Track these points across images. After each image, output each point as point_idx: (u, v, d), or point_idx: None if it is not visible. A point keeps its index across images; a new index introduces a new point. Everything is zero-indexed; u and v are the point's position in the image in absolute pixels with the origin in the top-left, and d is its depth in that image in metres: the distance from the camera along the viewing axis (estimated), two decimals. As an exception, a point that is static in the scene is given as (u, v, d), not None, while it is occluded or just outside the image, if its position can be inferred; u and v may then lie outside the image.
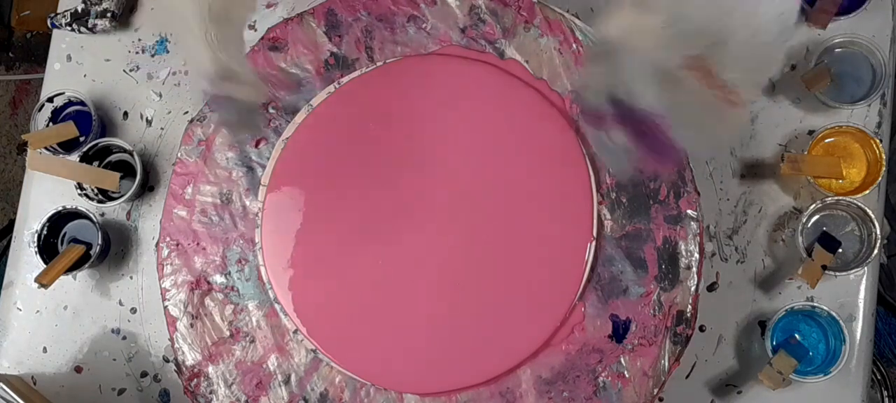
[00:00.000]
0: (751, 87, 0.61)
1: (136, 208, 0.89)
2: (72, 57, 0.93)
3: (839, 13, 0.83)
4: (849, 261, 0.82)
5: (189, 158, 0.83)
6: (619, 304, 0.78)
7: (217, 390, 0.80)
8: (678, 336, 0.77)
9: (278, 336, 0.80)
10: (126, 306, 0.88)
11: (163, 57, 0.92)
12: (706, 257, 0.83)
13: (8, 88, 1.71)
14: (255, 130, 0.81)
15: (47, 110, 0.89)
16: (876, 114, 0.85)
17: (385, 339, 0.78)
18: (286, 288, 0.79)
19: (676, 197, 0.79)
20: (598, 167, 0.80)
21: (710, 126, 0.60)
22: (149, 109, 0.91)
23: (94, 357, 0.88)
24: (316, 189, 0.81)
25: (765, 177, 0.85)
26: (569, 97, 0.81)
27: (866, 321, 0.83)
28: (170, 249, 0.82)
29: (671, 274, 0.78)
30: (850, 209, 0.82)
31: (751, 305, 0.84)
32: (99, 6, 0.90)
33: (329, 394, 0.79)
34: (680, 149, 0.60)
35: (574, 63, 0.81)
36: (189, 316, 0.81)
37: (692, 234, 0.78)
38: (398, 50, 0.83)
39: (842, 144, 0.83)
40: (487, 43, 0.82)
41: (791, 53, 0.87)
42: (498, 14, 0.82)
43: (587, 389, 0.77)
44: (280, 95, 0.83)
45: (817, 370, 0.79)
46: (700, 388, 0.83)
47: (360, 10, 0.84)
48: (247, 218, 0.82)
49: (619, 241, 0.79)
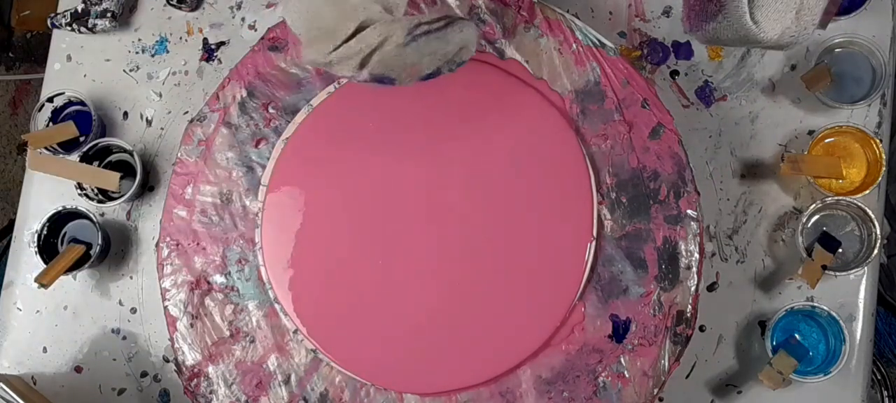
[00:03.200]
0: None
1: (136, 208, 0.89)
2: (72, 57, 0.93)
3: (839, 13, 0.83)
4: (849, 261, 0.82)
5: (189, 158, 0.83)
6: (619, 304, 0.78)
7: (217, 390, 0.80)
8: (678, 336, 0.77)
9: (278, 336, 0.80)
10: (126, 306, 0.88)
11: (163, 57, 0.92)
12: (706, 257, 0.83)
13: (8, 88, 1.71)
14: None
15: (47, 110, 0.89)
16: (876, 114, 0.85)
17: (385, 339, 0.78)
18: (286, 288, 0.79)
19: (676, 197, 0.79)
20: (598, 167, 0.80)
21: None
22: (149, 109, 0.91)
23: (94, 357, 0.88)
24: (316, 189, 0.81)
25: (765, 177, 0.85)
26: (569, 97, 0.81)
27: (866, 321, 0.83)
28: (170, 249, 0.82)
29: (671, 274, 0.78)
30: (850, 209, 0.82)
31: (751, 305, 0.84)
32: (99, 6, 0.90)
33: (329, 394, 0.79)
34: None
35: (574, 63, 0.81)
36: (189, 316, 0.81)
37: (692, 234, 0.78)
38: (398, 50, 0.83)
39: (842, 144, 0.83)
40: (487, 43, 0.82)
41: (791, 53, 0.87)
42: (498, 14, 0.82)
43: (587, 389, 0.77)
44: (280, 95, 0.83)
45: (817, 370, 0.79)
46: (700, 388, 0.83)
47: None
48: (247, 218, 0.82)
49: (619, 241, 0.79)
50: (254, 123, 0.83)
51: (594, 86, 0.81)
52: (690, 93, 0.87)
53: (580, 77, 0.81)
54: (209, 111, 0.84)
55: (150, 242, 0.88)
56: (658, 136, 0.80)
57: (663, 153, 0.79)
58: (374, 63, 0.58)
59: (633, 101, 0.80)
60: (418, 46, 0.59)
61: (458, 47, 0.61)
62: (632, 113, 0.80)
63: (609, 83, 0.80)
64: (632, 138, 0.80)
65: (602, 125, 0.80)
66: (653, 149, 0.79)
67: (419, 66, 0.59)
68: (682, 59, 0.87)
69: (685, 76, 0.87)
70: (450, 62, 0.61)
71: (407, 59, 0.58)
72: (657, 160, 0.79)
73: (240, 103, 0.83)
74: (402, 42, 0.58)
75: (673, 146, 0.79)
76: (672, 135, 0.80)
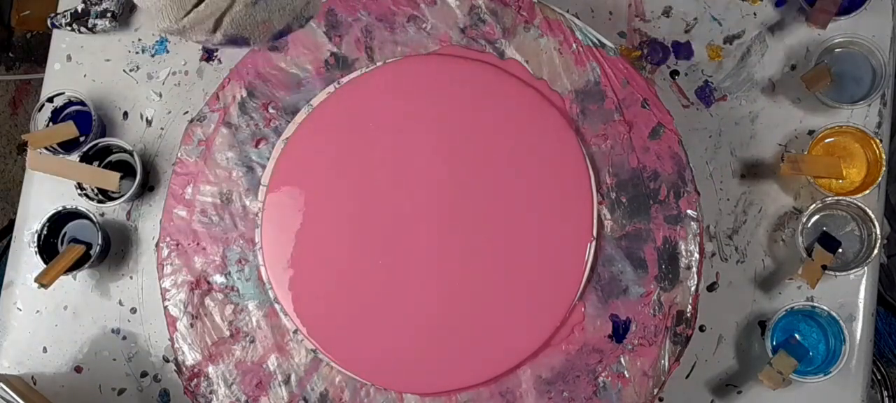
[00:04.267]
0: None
1: (136, 208, 0.89)
2: (72, 57, 0.93)
3: (839, 13, 0.83)
4: (849, 261, 0.82)
5: (189, 158, 0.83)
6: (619, 304, 0.78)
7: (217, 390, 0.80)
8: (678, 336, 0.77)
9: (278, 336, 0.80)
10: (126, 306, 0.88)
11: (163, 57, 0.92)
12: (706, 257, 0.83)
13: (8, 88, 1.71)
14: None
15: (47, 110, 0.89)
16: (876, 114, 0.85)
17: (385, 339, 0.78)
18: (286, 288, 0.79)
19: (676, 197, 0.79)
20: (598, 167, 0.80)
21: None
22: (149, 109, 0.91)
23: (94, 357, 0.88)
24: (316, 189, 0.81)
25: (765, 177, 0.85)
26: (569, 97, 0.81)
27: (866, 321, 0.83)
28: (170, 249, 0.82)
29: (671, 274, 0.78)
30: (850, 209, 0.82)
31: (751, 305, 0.84)
32: (99, 6, 0.90)
33: (329, 394, 0.79)
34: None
35: (574, 63, 0.81)
36: (189, 316, 0.81)
37: (692, 234, 0.78)
38: (398, 50, 0.83)
39: (842, 144, 0.83)
40: (487, 43, 0.82)
41: (791, 53, 0.87)
42: (498, 14, 0.82)
43: (587, 389, 0.77)
44: (280, 95, 0.83)
45: (817, 370, 0.79)
46: (700, 388, 0.83)
47: (360, 10, 0.84)
48: (247, 218, 0.82)
49: (619, 241, 0.79)
50: (254, 123, 0.83)
51: (594, 86, 0.81)
52: (690, 93, 0.87)
53: (580, 77, 0.81)
54: (209, 111, 0.84)
55: (150, 242, 0.88)
56: (658, 136, 0.80)
57: (663, 153, 0.79)
58: (226, 24, 0.60)
59: (633, 101, 0.80)
60: (267, 4, 0.61)
61: (306, 2, 0.63)
62: (632, 113, 0.80)
63: (609, 83, 0.80)
64: (632, 138, 0.80)
65: (602, 125, 0.80)
66: (653, 149, 0.79)
67: (269, 23, 0.62)
68: (682, 59, 0.87)
69: (685, 76, 0.87)
70: (299, 17, 0.63)
71: (257, 17, 0.61)
72: (657, 160, 0.79)
73: (240, 103, 0.83)
74: (251, 1, 0.60)
75: (673, 146, 0.79)
76: (672, 135, 0.80)
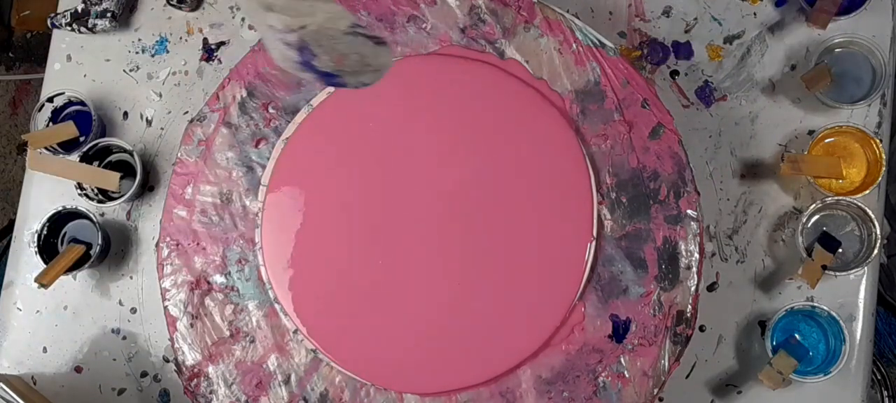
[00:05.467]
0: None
1: (136, 208, 0.89)
2: (72, 57, 0.93)
3: (839, 13, 0.83)
4: (849, 261, 0.82)
5: (189, 158, 0.83)
6: (619, 304, 0.78)
7: (217, 390, 0.80)
8: (678, 336, 0.77)
9: (278, 336, 0.80)
10: (126, 306, 0.88)
11: (163, 57, 0.92)
12: (706, 257, 0.83)
13: (8, 88, 1.71)
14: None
15: (47, 110, 0.89)
16: (876, 114, 0.85)
17: (385, 339, 0.78)
18: (286, 288, 0.79)
19: (676, 197, 0.79)
20: (598, 167, 0.80)
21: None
22: (149, 109, 0.91)
23: (94, 357, 0.88)
24: (316, 189, 0.81)
25: (765, 177, 0.85)
26: (569, 97, 0.81)
27: (866, 321, 0.83)
28: (170, 249, 0.82)
29: (671, 274, 0.78)
30: (850, 209, 0.82)
31: (751, 305, 0.84)
32: (99, 6, 0.90)
33: (329, 394, 0.79)
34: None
35: (574, 63, 0.81)
36: (189, 316, 0.81)
37: (692, 234, 0.78)
38: (398, 50, 0.83)
39: (842, 144, 0.83)
40: (487, 43, 0.82)
41: (791, 53, 0.87)
42: (498, 14, 0.82)
43: (587, 389, 0.77)
44: (280, 95, 0.83)
45: (817, 370, 0.79)
46: (700, 388, 0.83)
47: (360, 10, 0.84)
48: (247, 218, 0.82)
49: (619, 241, 0.79)
50: (254, 123, 0.83)
51: (594, 86, 0.81)
52: (690, 93, 0.87)
53: (580, 77, 0.81)
54: (209, 111, 0.84)
55: (150, 242, 0.88)
56: (658, 136, 0.80)
57: (663, 153, 0.79)
58: (310, 31, 0.60)
59: (633, 101, 0.80)
60: (354, 42, 0.61)
61: (376, 67, 0.63)
62: (632, 113, 0.80)
63: (609, 83, 0.80)
64: (632, 138, 0.80)
65: (602, 125, 0.80)
66: (653, 149, 0.79)
67: (343, 58, 0.62)
68: (682, 59, 0.87)
69: (685, 76, 0.87)
70: (359, 74, 0.63)
71: (338, 46, 0.61)
72: (657, 160, 0.79)
73: (240, 103, 0.83)
74: (344, 30, 0.60)
75: (673, 146, 0.79)
76: (672, 135, 0.80)
